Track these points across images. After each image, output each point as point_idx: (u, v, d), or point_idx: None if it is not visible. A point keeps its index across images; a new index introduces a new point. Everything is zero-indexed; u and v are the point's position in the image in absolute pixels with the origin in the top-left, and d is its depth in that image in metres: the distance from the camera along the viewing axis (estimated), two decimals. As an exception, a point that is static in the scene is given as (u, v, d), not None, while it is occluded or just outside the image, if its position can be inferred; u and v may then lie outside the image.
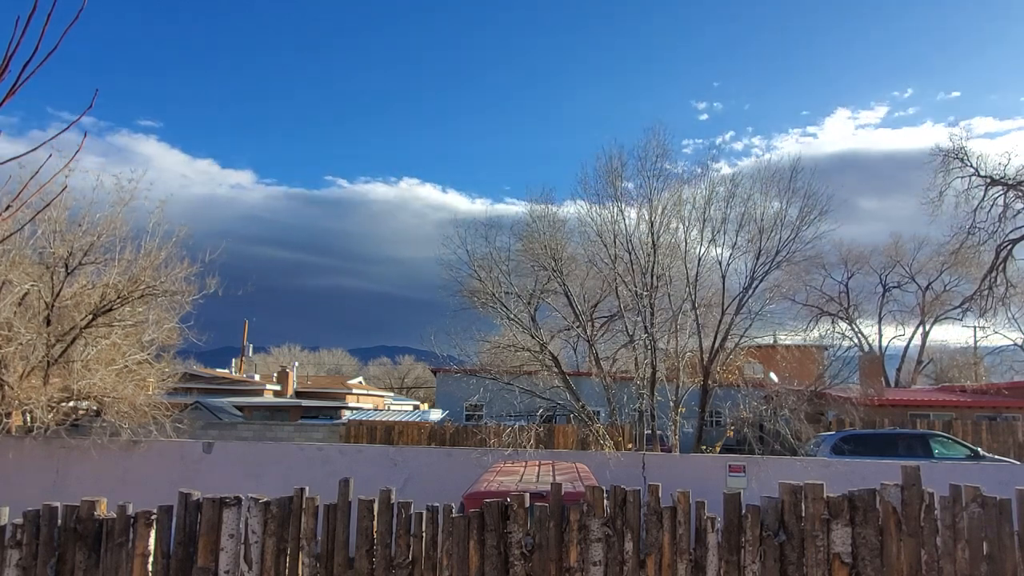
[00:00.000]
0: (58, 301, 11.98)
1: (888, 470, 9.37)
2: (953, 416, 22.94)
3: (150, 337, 12.91)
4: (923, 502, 4.31)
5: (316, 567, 4.53)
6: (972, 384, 30.60)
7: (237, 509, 4.57)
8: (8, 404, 11.33)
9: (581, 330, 16.17)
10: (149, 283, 12.51)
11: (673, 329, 15.27)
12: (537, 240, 16.21)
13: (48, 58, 2.34)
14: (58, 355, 11.78)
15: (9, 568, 4.46)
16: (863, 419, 19.78)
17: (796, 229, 15.68)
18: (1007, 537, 4.27)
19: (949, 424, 20.01)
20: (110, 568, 4.49)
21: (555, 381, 15.18)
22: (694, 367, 15.90)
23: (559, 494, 4.61)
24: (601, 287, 17.46)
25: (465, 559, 4.49)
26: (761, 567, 4.33)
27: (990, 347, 32.82)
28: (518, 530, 4.51)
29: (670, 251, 15.84)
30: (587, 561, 4.45)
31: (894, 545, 4.27)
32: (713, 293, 16.16)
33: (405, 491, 9.37)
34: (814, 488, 4.37)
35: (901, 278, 39.04)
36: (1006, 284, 26.52)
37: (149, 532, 4.51)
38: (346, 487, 4.69)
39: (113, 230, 12.57)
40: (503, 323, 15.89)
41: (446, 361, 16.47)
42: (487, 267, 15.99)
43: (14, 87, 2.39)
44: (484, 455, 11.30)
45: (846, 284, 38.72)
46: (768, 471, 10.83)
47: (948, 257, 31.23)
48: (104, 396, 11.42)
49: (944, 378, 39.29)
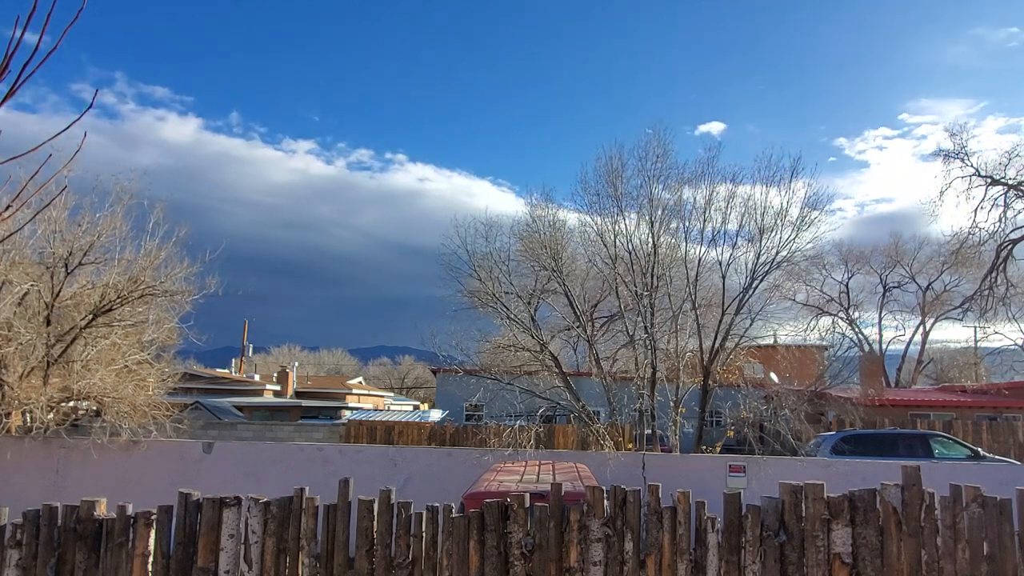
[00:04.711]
0: (58, 301, 11.98)
1: (888, 470, 9.37)
2: (953, 416, 22.94)
3: (150, 337, 12.91)
4: (923, 502, 4.30)
5: (316, 567, 4.53)
6: (972, 384, 30.60)
7: (237, 509, 4.57)
8: (8, 404, 11.33)
9: (581, 330, 16.18)
10: (149, 283, 12.51)
11: (673, 329, 15.28)
12: (537, 240, 16.21)
13: (48, 58, 2.34)
14: (58, 355, 11.77)
15: (9, 568, 4.46)
16: (863, 419, 19.78)
17: (796, 229, 15.70)
18: (1007, 537, 4.27)
19: (949, 424, 20.00)
20: (110, 568, 4.49)
21: (555, 381, 15.19)
22: (694, 367, 15.91)
23: (559, 494, 4.60)
24: (601, 287, 17.48)
25: (465, 559, 4.48)
26: (761, 567, 4.32)
27: (990, 347, 32.80)
28: (518, 530, 4.50)
29: (670, 251, 15.86)
30: (587, 561, 4.45)
31: (894, 545, 4.27)
32: (713, 293, 16.17)
33: (405, 491, 9.39)
34: (814, 488, 4.37)
35: (901, 278, 39.07)
36: (1006, 284, 26.50)
37: (149, 532, 4.51)
38: (346, 487, 4.69)
39: (113, 230, 12.57)
40: (503, 323, 15.90)
41: (446, 361, 16.48)
42: (487, 267, 15.99)
43: (14, 87, 2.39)
44: (484, 455, 11.31)
45: (846, 284, 38.77)
46: (768, 471, 10.83)
47: (948, 257, 31.23)
48: (104, 396, 11.42)
49: (944, 378, 39.29)
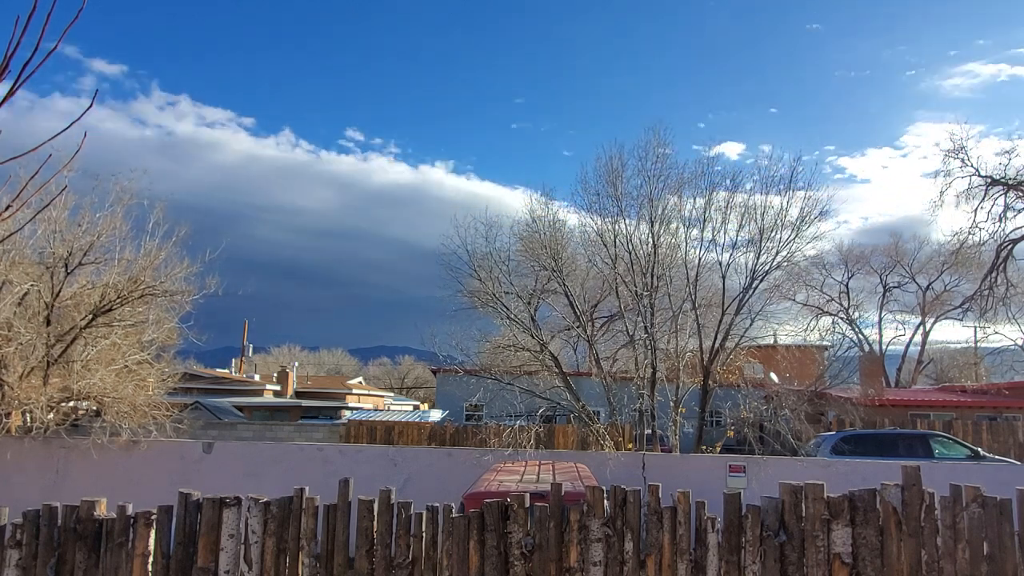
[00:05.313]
0: (58, 301, 11.98)
1: (888, 470, 9.37)
2: (953, 416, 22.94)
3: (150, 337, 12.91)
4: (923, 502, 4.30)
5: (316, 567, 4.53)
6: (972, 384, 30.60)
7: (237, 509, 4.57)
8: (8, 404, 11.33)
9: (581, 330, 16.18)
10: (149, 283, 12.50)
11: (673, 329, 15.28)
12: (537, 240, 16.20)
13: (48, 58, 2.34)
14: (58, 355, 11.77)
15: (9, 568, 4.46)
16: (863, 419, 19.78)
17: (796, 229, 15.69)
18: (1007, 537, 4.27)
19: (949, 424, 20.00)
20: (110, 568, 4.48)
21: (555, 381, 15.19)
22: (694, 367, 15.90)
23: (559, 494, 4.60)
24: (601, 287, 17.48)
25: (465, 559, 4.48)
26: (761, 567, 4.32)
27: (990, 347, 32.79)
28: (518, 530, 4.50)
29: (670, 251, 15.85)
30: (587, 561, 4.44)
31: (894, 545, 4.27)
32: (713, 293, 16.16)
33: (405, 491, 9.38)
34: (814, 488, 4.36)
35: (901, 278, 39.08)
36: (1006, 284, 26.47)
37: (149, 532, 4.51)
38: (346, 487, 4.69)
39: (113, 230, 12.57)
40: (503, 323, 15.90)
41: (446, 361, 16.48)
42: (487, 267, 15.99)
43: (14, 87, 2.39)
44: (484, 455, 11.31)
45: (846, 284, 38.77)
46: (768, 471, 10.83)
47: (948, 257, 31.21)
48: (104, 396, 11.42)
49: (944, 378, 39.30)
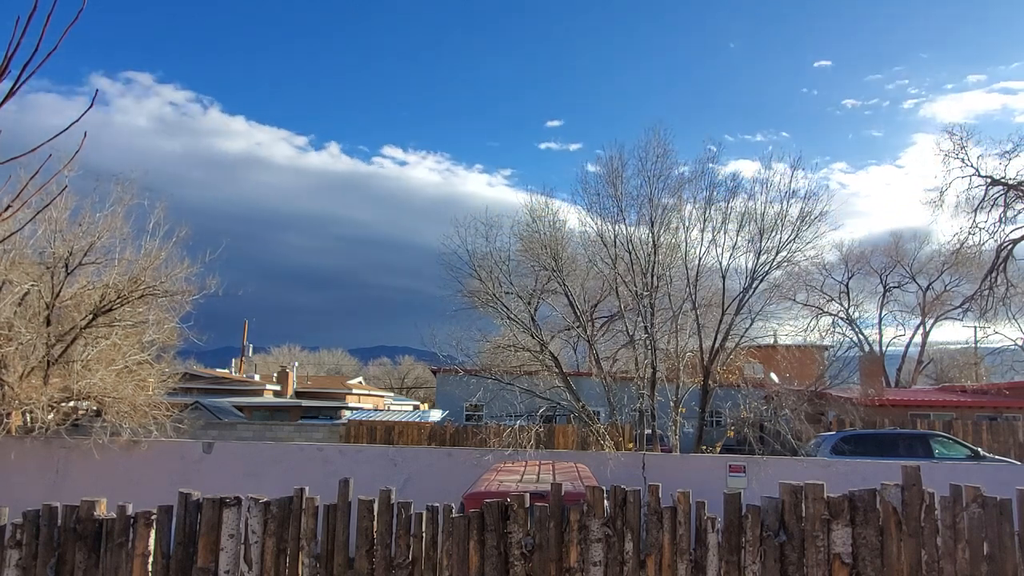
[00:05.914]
0: (58, 301, 11.98)
1: (888, 470, 9.36)
2: (953, 416, 22.93)
3: (150, 337, 12.91)
4: (923, 502, 4.30)
5: (316, 567, 4.53)
6: (972, 384, 30.59)
7: (237, 509, 4.57)
8: (8, 404, 11.33)
9: (581, 330, 16.18)
10: (149, 283, 12.51)
11: (673, 329, 15.28)
12: (537, 240, 16.21)
13: (48, 58, 2.34)
14: (58, 355, 11.78)
15: (9, 568, 4.46)
16: (863, 419, 19.79)
17: (796, 229, 15.69)
18: (1007, 537, 4.27)
19: (949, 424, 20.00)
20: (110, 568, 4.48)
21: (555, 381, 15.19)
22: (694, 367, 15.91)
23: (559, 494, 4.60)
24: (601, 287, 17.47)
25: (465, 559, 4.48)
26: (761, 567, 4.32)
27: (990, 347, 32.78)
28: (518, 530, 4.50)
29: (670, 251, 15.85)
30: (587, 561, 4.44)
31: (894, 545, 4.27)
32: (713, 293, 16.16)
33: (405, 491, 9.38)
34: (814, 488, 4.36)
35: (901, 278, 39.06)
36: (1006, 284, 26.46)
37: (149, 532, 4.51)
38: (346, 487, 4.69)
39: (113, 230, 12.58)
40: (503, 323, 15.90)
41: (446, 361, 16.47)
42: (487, 267, 15.98)
43: (14, 87, 2.39)
44: (484, 455, 11.31)
45: (846, 284, 38.73)
46: (768, 471, 10.83)
47: (948, 257, 31.20)
48: (104, 396, 11.42)
49: (944, 378, 39.30)
